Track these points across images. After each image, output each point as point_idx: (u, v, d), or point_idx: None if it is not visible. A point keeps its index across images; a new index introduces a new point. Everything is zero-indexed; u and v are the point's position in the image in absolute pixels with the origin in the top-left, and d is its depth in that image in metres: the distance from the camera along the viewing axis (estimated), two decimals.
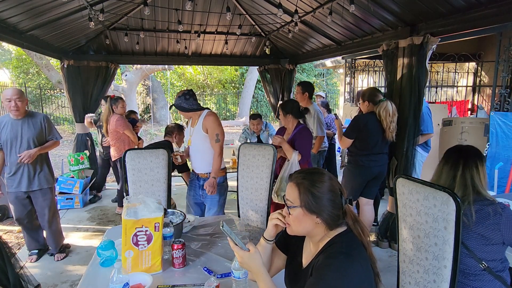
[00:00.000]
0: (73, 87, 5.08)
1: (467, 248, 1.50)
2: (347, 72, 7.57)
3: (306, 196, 1.15)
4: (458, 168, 1.60)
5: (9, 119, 2.94)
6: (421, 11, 2.95)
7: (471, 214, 1.50)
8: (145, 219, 1.54)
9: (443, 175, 1.65)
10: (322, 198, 1.14)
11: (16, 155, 2.94)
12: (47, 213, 3.13)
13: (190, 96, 2.69)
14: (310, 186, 1.15)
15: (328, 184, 1.16)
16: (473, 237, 1.50)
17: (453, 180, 1.60)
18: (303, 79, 16.13)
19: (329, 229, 1.17)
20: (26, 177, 2.98)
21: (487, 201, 1.53)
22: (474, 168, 1.58)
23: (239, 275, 1.34)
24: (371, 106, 3.14)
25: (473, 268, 1.51)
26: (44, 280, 2.86)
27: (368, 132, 3.05)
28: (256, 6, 4.56)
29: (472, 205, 1.52)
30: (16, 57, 16.19)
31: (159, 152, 2.71)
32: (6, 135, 2.91)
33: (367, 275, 1.08)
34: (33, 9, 3.28)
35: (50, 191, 3.14)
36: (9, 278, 1.12)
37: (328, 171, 1.25)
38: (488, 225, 1.47)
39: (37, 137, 3.00)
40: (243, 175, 2.81)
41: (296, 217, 1.18)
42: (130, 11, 4.52)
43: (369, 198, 3.32)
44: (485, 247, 1.49)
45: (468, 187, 1.55)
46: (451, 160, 1.65)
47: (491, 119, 3.66)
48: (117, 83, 12.50)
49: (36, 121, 3.01)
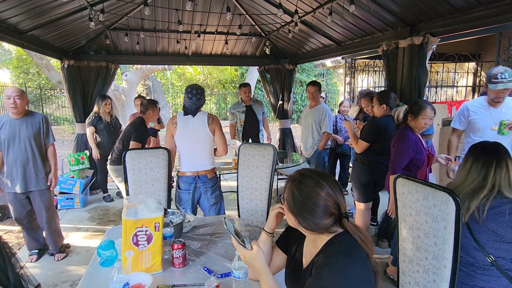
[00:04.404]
0: (73, 87, 5.08)
1: (477, 242, 1.50)
2: (347, 72, 7.57)
3: (288, 195, 1.17)
4: (491, 167, 1.54)
5: (8, 118, 2.93)
6: (421, 11, 2.95)
7: (483, 211, 1.48)
8: (145, 219, 1.55)
9: (472, 174, 1.59)
10: (303, 203, 1.12)
11: (13, 155, 2.93)
12: (45, 213, 3.11)
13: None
14: (294, 187, 1.15)
15: (316, 194, 1.11)
16: (484, 231, 1.49)
17: (483, 179, 1.55)
18: (303, 79, 16.14)
19: (313, 233, 1.16)
20: (22, 178, 2.96)
21: (506, 199, 1.50)
22: (505, 168, 1.54)
23: (239, 275, 1.34)
24: (388, 109, 3.06)
25: (481, 261, 1.51)
26: (44, 280, 2.86)
27: (386, 136, 2.98)
28: (256, 6, 4.57)
29: (489, 201, 1.49)
30: (16, 57, 16.19)
31: (159, 152, 2.71)
32: (5, 135, 2.91)
33: (367, 275, 1.08)
34: (34, 9, 3.29)
35: (47, 192, 3.12)
36: (9, 278, 1.12)
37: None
38: (501, 222, 1.45)
39: (35, 137, 2.98)
40: (243, 175, 2.81)
41: (285, 210, 1.21)
42: (130, 11, 4.53)
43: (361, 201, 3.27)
44: (496, 244, 1.48)
45: (495, 187, 1.52)
46: (482, 159, 1.58)
47: None
48: (117, 83, 12.49)
49: (34, 121, 2.99)
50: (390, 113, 3.05)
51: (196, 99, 2.69)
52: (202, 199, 2.81)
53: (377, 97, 3.13)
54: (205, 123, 2.72)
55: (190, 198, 2.77)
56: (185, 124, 2.73)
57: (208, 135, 2.74)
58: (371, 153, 3.08)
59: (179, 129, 2.73)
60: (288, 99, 6.22)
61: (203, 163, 2.77)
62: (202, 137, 2.73)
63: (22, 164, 2.96)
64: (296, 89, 16.10)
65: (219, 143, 2.79)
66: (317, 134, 4.21)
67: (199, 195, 2.80)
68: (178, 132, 2.74)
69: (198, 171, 2.75)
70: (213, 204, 2.82)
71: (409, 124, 2.65)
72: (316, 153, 4.25)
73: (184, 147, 2.76)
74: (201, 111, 2.77)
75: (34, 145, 2.98)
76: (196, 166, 2.76)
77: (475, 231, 1.50)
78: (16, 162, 2.95)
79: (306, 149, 4.35)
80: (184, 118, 2.73)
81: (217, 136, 2.77)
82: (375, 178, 3.15)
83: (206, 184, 2.78)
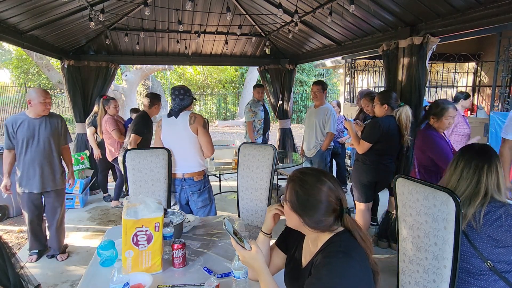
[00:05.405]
0: (73, 87, 5.08)
1: (475, 248, 1.48)
2: (347, 72, 7.57)
3: (291, 194, 1.16)
4: (482, 172, 1.51)
5: (25, 117, 2.92)
6: (421, 11, 2.95)
7: (479, 218, 1.45)
8: (145, 219, 1.55)
9: (463, 180, 1.55)
10: (306, 200, 1.13)
11: (31, 155, 2.92)
12: (59, 213, 3.16)
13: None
14: (297, 186, 1.15)
15: (316, 190, 1.12)
16: (482, 238, 1.47)
17: (476, 184, 1.51)
18: (303, 79, 16.15)
19: (317, 231, 1.16)
20: (39, 178, 2.96)
21: (499, 203, 1.48)
22: (495, 171, 1.51)
23: (239, 275, 1.34)
24: (390, 109, 3.04)
25: (479, 267, 1.50)
26: (44, 280, 2.86)
27: (388, 136, 2.96)
28: (256, 6, 4.57)
29: (484, 207, 1.47)
30: (16, 57, 16.21)
31: (159, 152, 2.71)
32: (23, 134, 2.89)
33: (366, 274, 1.08)
34: (34, 9, 3.28)
35: (63, 191, 3.20)
36: (9, 278, 1.12)
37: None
38: (499, 227, 1.43)
39: (53, 137, 3.01)
40: (243, 175, 2.81)
41: (286, 211, 1.20)
42: (130, 11, 4.53)
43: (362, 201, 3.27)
44: (494, 249, 1.46)
45: (489, 192, 1.50)
46: (473, 163, 1.54)
47: (491, 119, 3.67)
48: (117, 83, 12.51)
49: (53, 122, 3.02)
50: (391, 113, 3.05)
51: (179, 99, 2.66)
52: (190, 202, 2.78)
53: (379, 97, 3.10)
54: (187, 123, 2.64)
55: (178, 200, 2.76)
56: (168, 126, 2.70)
57: (191, 135, 2.65)
58: (373, 153, 3.07)
59: (163, 131, 2.72)
60: (288, 99, 6.22)
61: (189, 165, 2.72)
62: (185, 137, 2.66)
63: (40, 164, 2.96)
64: (296, 89, 16.09)
65: (203, 143, 2.68)
66: (321, 134, 4.21)
67: (187, 198, 2.76)
68: (163, 134, 2.72)
69: (184, 173, 2.70)
70: (200, 207, 2.77)
71: (432, 125, 2.63)
72: (319, 153, 4.25)
73: (172, 148, 2.73)
74: (185, 111, 2.70)
75: (53, 145, 3.02)
76: (183, 168, 2.71)
77: (472, 238, 1.48)
78: (34, 162, 2.94)
79: (309, 148, 4.35)
80: (168, 120, 2.70)
81: (200, 135, 2.66)
82: (376, 179, 3.14)
83: (192, 187, 2.73)
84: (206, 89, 18.33)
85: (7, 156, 2.96)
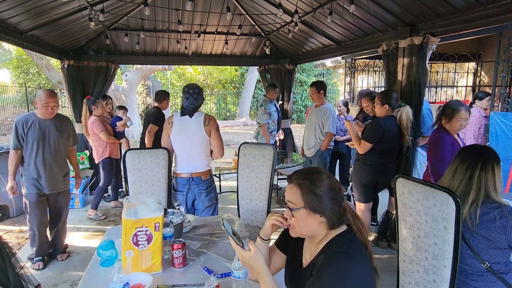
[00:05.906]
0: (73, 87, 5.08)
1: (471, 249, 1.49)
2: (347, 72, 7.57)
3: (308, 196, 1.15)
4: (475, 168, 1.53)
5: (36, 118, 2.89)
6: (421, 11, 2.95)
7: (475, 217, 1.46)
8: (145, 219, 1.55)
9: (457, 175, 1.58)
10: (323, 196, 1.15)
11: (41, 156, 2.89)
12: (64, 213, 3.18)
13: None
14: (311, 186, 1.16)
15: (328, 182, 1.17)
16: (477, 239, 1.47)
17: (469, 180, 1.54)
18: (303, 79, 16.16)
19: (332, 227, 1.18)
20: (48, 179, 2.94)
21: (494, 204, 1.48)
22: (490, 170, 1.52)
23: (239, 275, 1.34)
24: (390, 110, 3.05)
25: (476, 268, 1.50)
26: (44, 280, 2.86)
27: (389, 136, 2.97)
28: (256, 6, 4.57)
29: (479, 208, 1.48)
30: (16, 57, 16.21)
31: (159, 152, 2.71)
32: (34, 135, 2.85)
33: (367, 275, 1.08)
34: (34, 9, 3.28)
35: (69, 192, 3.24)
36: (9, 278, 1.12)
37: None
38: (493, 228, 1.44)
39: (63, 139, 3.02)
40: (243, 175, 2.81)
41: (300, 219, 1.18)
42: (130, 11, 4.53)
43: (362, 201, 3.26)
44: (490, 250, 1.46)
45: (481, 190, 1.51)
46: (468, 160, 1.57)
47: (491, 119, 3.66)
48: (117, 83, 12.51)
49: (62, 123, 3.03)
50: (392, 113, 3.05)
51: (193, 99, 2.63)
52: (196, 201, 2.76)
53: (379, 97, 3.10)
54: (201, 124, 2.65)
55: (184, 199, 2.73)
56: (181, 125, 2.68)
57: (204, 137, 2.67)
58: (373, 153, 3.07)
59: (175, 129, 2.68)
60: (288, 99, 6.22)
61: (198, 165, 2.71)
62: (198, 138, 2.66)
63: (49, 165, 2.94)
64: (296, 89, 16.10)
65: (215, 145, 2.71)
66: (320, 133, 4.21)
67: (194, 197, 2.75)
68: (174, 132, 2.69)
69: (192, 173, 2.69)
70: (207, 207, 2.77)
71: (444, 126, 2.62)
72: (319, 153, 4.24)
73: (180, 147, 2.71)
74: (199, 112, 2.70)
75: (62, 147, 3.03)
76: (190, 168, 2.70)
77: (468, 239, 1.48)
78: (44, 163, 2.91)
79: (309, 147, 4.35)
80: (181, 119, 2.68)
81: (213, 138, 2.69)
82: (377, 179, 3.14)
83: (200, 186, 2.72)
84: (206, 89, 18.32)
85: (14, 157, 2.86)
